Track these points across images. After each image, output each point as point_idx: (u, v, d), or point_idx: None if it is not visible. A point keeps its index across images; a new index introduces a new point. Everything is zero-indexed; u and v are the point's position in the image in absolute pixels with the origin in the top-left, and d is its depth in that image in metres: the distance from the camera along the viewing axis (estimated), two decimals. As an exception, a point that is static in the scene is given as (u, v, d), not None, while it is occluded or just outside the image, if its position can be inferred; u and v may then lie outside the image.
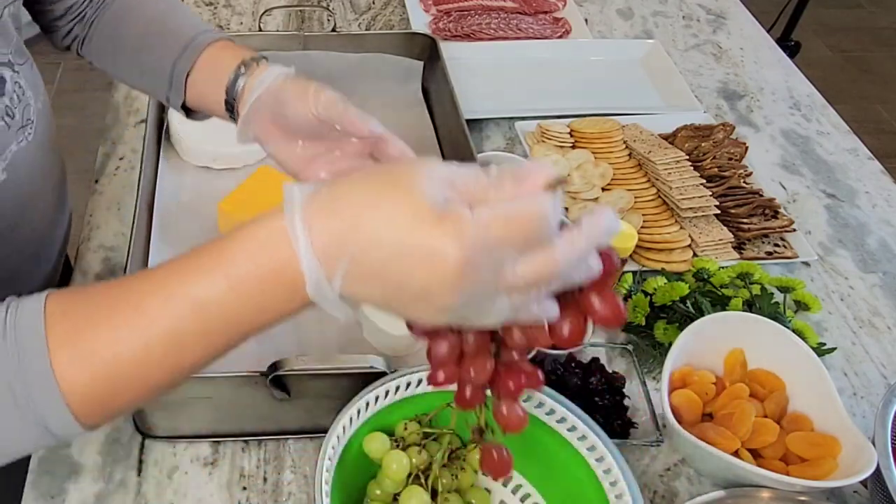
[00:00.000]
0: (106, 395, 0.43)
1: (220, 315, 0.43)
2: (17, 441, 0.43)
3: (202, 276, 0.42)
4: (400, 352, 0.82)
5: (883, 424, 0.72)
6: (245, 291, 0.43)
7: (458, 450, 0.71)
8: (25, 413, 0.41)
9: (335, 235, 0.41)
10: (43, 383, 0.41)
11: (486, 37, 1.35)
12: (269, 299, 0.45)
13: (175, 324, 0.42)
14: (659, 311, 0.89)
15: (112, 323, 0.42)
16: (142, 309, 0.42)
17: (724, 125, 1.14)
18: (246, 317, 0.45)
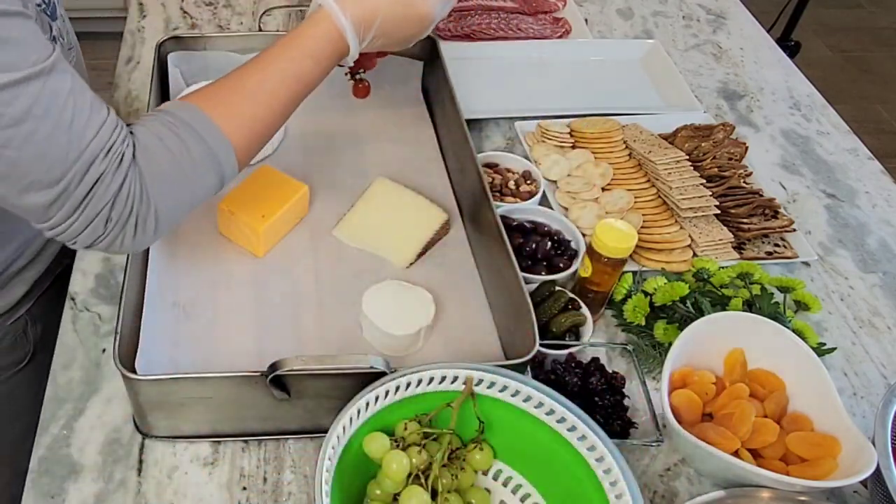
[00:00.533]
0: (252, 139, 0.70)
1: (309, 78, 0.73)
2: (205, 187, 0.68)
3: (298, 62, 0.72)
4: (400, 352, 0.82)
5: (883, 424, 0.72)
6: (320, 61, 0.74)
7: (458, 450, 0.71)
8: (213, 165, 0.67)
9: (363, 18, 0.74)
10: (221, 144, 0.66)
11: (486, 37, 1.35)
12: (330, 62, 0.75)
13: (286, 91, 0.72)
14: (659, 311, 0.89)
15: (248, 97, 0.70)
16: (264, 85, 0.71)
17: (724, 125, 1.14)
18: (319, 74, 0.74)
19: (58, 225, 0.61)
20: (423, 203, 0.97)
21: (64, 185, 0.59)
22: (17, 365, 0.95)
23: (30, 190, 0.58)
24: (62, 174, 0.58)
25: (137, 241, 0.65)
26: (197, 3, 1.39)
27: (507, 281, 0.82)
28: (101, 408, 0.80)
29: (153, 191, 0.64)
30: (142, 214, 0.64)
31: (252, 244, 0.90)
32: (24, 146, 0.56)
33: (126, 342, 0.74)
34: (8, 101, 0.54)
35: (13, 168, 0.56)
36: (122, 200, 0.62)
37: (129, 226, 0.64)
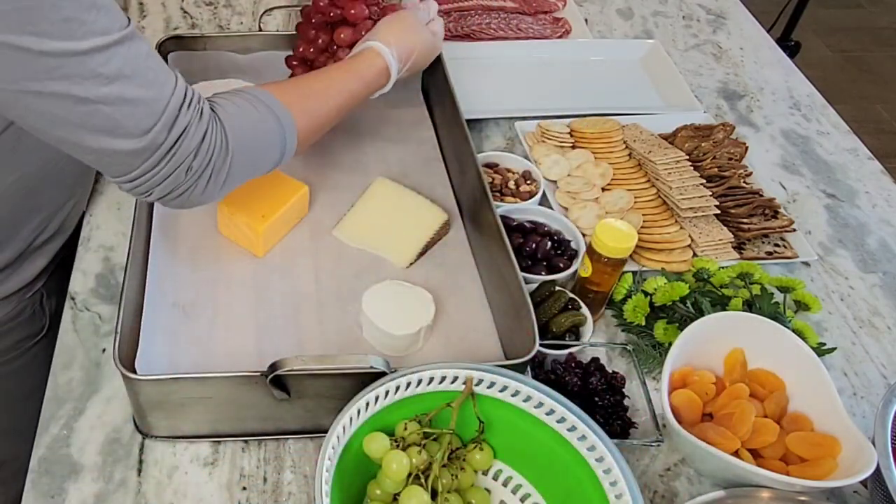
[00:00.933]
0: (311, 130, 0.80)
1: (358, 97, 0.87)
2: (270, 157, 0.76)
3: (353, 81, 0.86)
4: (400, 352, 0.82)
5: (883, 424, 0.72)
6: (368, 85, 0.88)
7: (458, 450, 0.71)
8: (279, 139, 0.76)
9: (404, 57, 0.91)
10: (289, 123, 0.76)
11: (486, 37, 1.35)
12: (374, 88, 0.90)
13: (342, 101, 0.85)
14: (659, 311, 0.89)
15: (313, 96, 0.81)
16: (328, 91, 0.83)
17: (724, 125, 1.14)
18: (364, 96, 0.89)
19: (141, 175, 0.66)
20: (423, 203, 0.97)
21: (153, 136, 0.64)
22: (35, 338, 0.97)
23: (122, 140, 0.63)
24: (152, 125, 0.64)
25: (206, 194, 0.71)
26: (197, 3, 1.39)
27: (507, 281, 0.82)
28: (101, 408, 0.80)
29: (233, 143, 0.70)
30: (218, 166, 0.70)
31: (252, 244, 0.90)
32: (118, 102, 0.61)
33: (126, 342, 0.74)
34: (105, 62, 0.59)
35: (109, 122, 0.62)
36: (205, 150, 0.68)
37: (205, 176, 0.69)
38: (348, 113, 0.86)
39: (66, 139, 0.63)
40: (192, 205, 0.72)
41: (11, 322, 0.93)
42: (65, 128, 0.62)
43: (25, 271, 0.92)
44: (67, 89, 0.59)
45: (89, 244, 0.96)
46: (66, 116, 0.61)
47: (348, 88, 0.85)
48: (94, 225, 0.98)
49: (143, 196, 0.70)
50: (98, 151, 0.64)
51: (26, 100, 0.59)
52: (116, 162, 0.66)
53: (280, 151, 0.77)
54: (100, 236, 0.97)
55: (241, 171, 0.73)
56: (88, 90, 0.59)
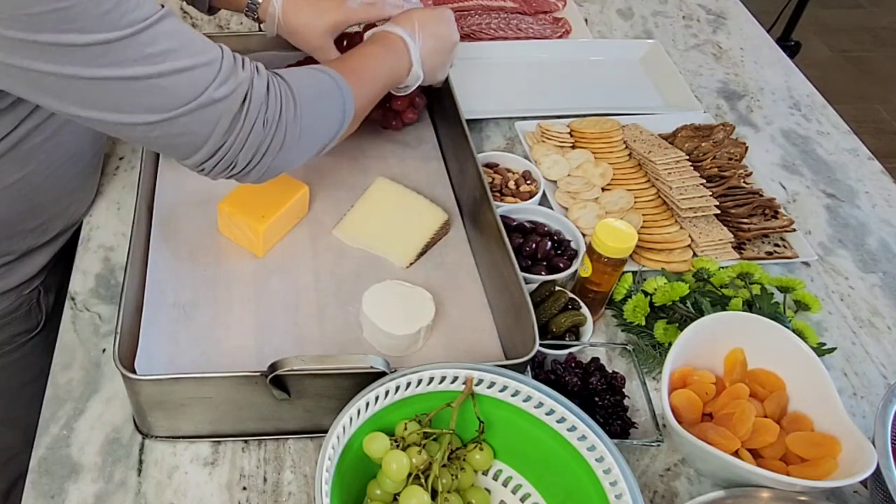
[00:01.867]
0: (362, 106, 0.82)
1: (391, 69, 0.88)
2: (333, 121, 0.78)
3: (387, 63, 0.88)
4: (400, 352, 0.82)
5: (883, 424, 0.72)
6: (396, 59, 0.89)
7: (458, 450, 0.71)
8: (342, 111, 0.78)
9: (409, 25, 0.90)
10: (347, 95, 0.78)
11: (486, 37, 1.35)
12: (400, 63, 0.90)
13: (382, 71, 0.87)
14: (659, 311, 0.89)
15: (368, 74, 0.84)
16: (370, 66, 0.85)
17: (724, 125, 1.14)
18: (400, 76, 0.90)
19: (221, 145, 0.68)
20: (423, 203, 0.97)
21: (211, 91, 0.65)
22: (30, 333, 0.97)
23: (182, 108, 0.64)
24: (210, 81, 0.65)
25: (286, 150, 0.72)
26: (197, 3, 1.39)
27: (507, 281, 0.82)
28: (101, 408, 0.80)
29: (297, 91, 0.72)
30: (290, 114, 0.71)
31: (252, 244, 0.90)
32: (172, 74, 0.63)
33: (126, 342, 0.74)
34: (150, 42, 0.61)
35: (166, 94, 0.63)
36: (274, 98, 0.70)
37: (282, 126, 0.70)
38: (391, 83, 0.89)
39: (124, 122, 0.64)
40: (274, 170, 0.73)
41: (7, 317, 0.93)
42: (121, 111, 0.63)
43: (24, 268, 0.92)
44: (120, 72, 0.60)
45: (89, 244, 0.96)
46: (121, 99, 0.62)
47: (386, 60, 0.87)
48: (94, 225, 0.98)
49: (227, 171, 0.70)
50: (161, 125, 0.65)
51: (79, 87, 0.60)
52: (187, 136, 0.66)
53: (341, 105, 0.78)
54: (100, 236, 0.97)
55: (312, 123, 0.74)
56: (140, 70, 0.61)
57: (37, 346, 0.98)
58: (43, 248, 0.93)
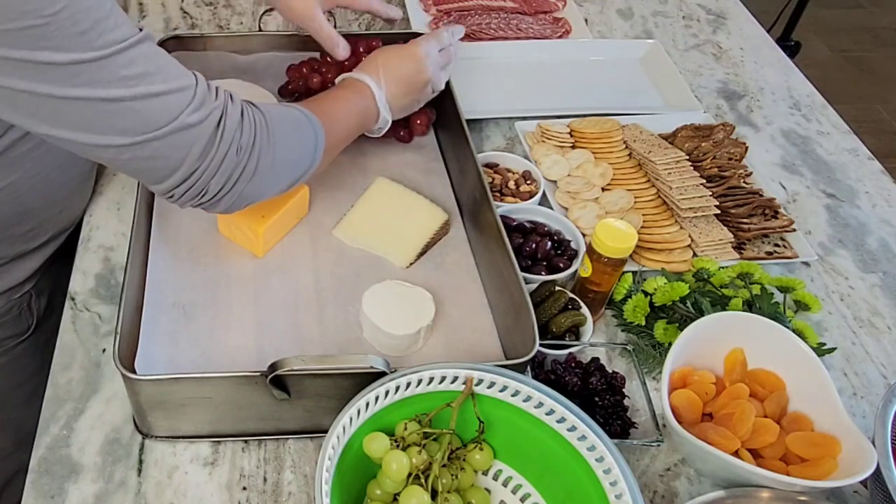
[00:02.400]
0: (334, 137, 0.82)
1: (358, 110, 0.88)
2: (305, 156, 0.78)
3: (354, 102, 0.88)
4: (400, 352, 0.82)
5: (883, 424, 0.72)
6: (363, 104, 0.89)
7: (458, 450, 0.71)
8: (314, 145, 0.78)
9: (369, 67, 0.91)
10: (319, 130, 0.78)
11: (486, 37, 1.35)
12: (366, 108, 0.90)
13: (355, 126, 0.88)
14: (659, 311, 0.89)
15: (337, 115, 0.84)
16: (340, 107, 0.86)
17: (724, 125, 1.14)
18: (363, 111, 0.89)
19: (194, 170, 0.67)
20: (423, 203, 0.97)
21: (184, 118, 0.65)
22: (21, 336, 0.97)
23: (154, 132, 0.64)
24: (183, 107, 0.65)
25: (258, 177, 0.71)
26: (197, 3, 1.39)
27: (507, 281, 0.82)
28: (101, 408, 0.80)
29: (270, 119, 0.72)
30: (263, 141, 0.71)
31: (252, 244, 0.90)
32: (146, 97, 0.63)
33: (126, 342, 0.74)
34: (126, 64, 0.61)
35: (139, 118, 0.63)
36: (248, 124, 0.70)
37: (255, 153, 0.70)
38: (356, 128, 0.89)
39: (96, 143, 0.63)
40: (246, 199, 0.73)
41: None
42: (94, 131, 0.62)
43: (14, 273, 0.92)
44: (94, 93, 0.60)
45: (89, 244, 0.96)
46: (94, 119, 0.61)
47: (352, 100, 0.87)
48: (94, 225, 0.98)
49: (197, 199, 0.70)
50: (132, 149, 0.64)
51: (52, 105, 0.60)
52: (159, 161, 0.66)
53: (313, 139, 0.78)
54: (100, 236, 0.97)
55: (285, 152, 0.74)
56: (114, 92, 0.61)
57: (27, 350, 0.98)
58: (33, 253, 0.93)
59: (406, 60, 0.92)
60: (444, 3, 1.41)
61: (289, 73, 1.08)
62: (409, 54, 0.93)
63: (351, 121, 0.87)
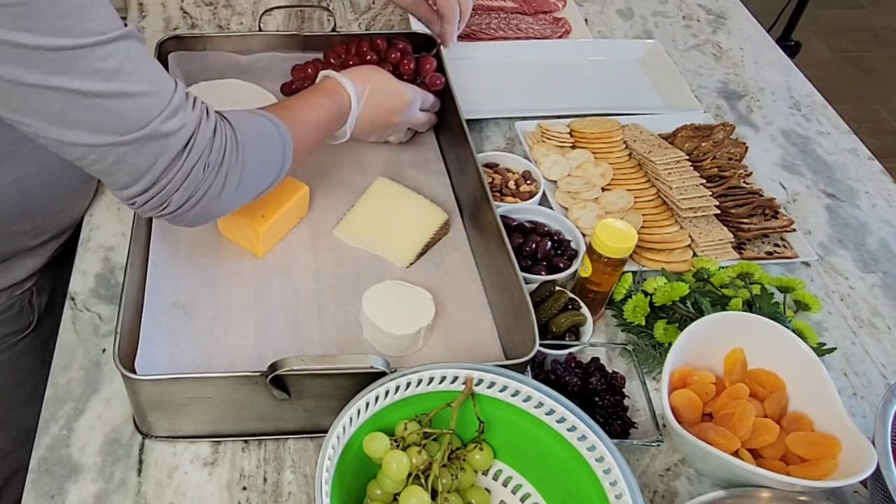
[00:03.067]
0: (301, 141, 0.80)
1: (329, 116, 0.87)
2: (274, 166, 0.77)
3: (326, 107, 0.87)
4: (400, 352, 0.82)
5: (883, 424, 0.72)
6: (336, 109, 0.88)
7: (458, 450, 0.71)
8: (282, 160, 0.77)
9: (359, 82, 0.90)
10: (288, 144, 0.77)
11: (486, 37, 1.35)
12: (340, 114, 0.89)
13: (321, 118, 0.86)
14: (659, 311, 0.89)
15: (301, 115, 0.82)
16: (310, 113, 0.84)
17: (724, 125, 1.14)
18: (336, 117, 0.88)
19: (156, 182, 0.65)
20: (423, 203, 0.97)
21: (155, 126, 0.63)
22: (22, 333, 0.97)
23: (124, 136, 0.62)
24: (155, 115, 0.63)
25: (223, 197, 0.70)
26: (197, 3, 1.39)
27: (507, 281, 0.82)
28: (101, 408, 0.80)
29: (242, 138, 0.71)
30: (232, 161, 0.70)
31: (252, 244, 0.90)
32: (120, 96, 0.61)
33: (126, 342, 0.74)
34: (105, 57, 0.59)
35: (110, 117, 0.61)
36: (218, 143, 0.68)
37: (222, 173, 0.69)
38: (327, 133, 0.88)
39: (64, 139, 0.62)
40: (206, 215, 0.71)
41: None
42: (62, 125, 0.61)
43: (15, 270, 0.92)
44: (67, 83, 0.58)
45: (89, 244, 0.96)
46: (63, 112, 0.60)
47: (324, 105, 0.86)
48: (94, 225, 0.98)
49: (158, 210, 0.68)
50: (99, 150, 0.63)
51: (23, 93, 0.58)
52: (125, 166, 0.64)
53: (282, 152, 0.77)
54: (100, 236, 0.97)
55: (253, 170, 0.73)
56: (88, 85, 0.59)
57: (28, 347, 0.98)
58: (35, 251, 0.93)
59: (393, 96, 0.94)
60: (444, 3, 1.41)
61: (293, 72, 1.08)
62: (398, 92, 0.95)
63: (320, 131, 0.86)
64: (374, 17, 1.39)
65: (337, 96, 0.88)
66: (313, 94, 0.87)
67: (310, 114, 0.84)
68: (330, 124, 0.88)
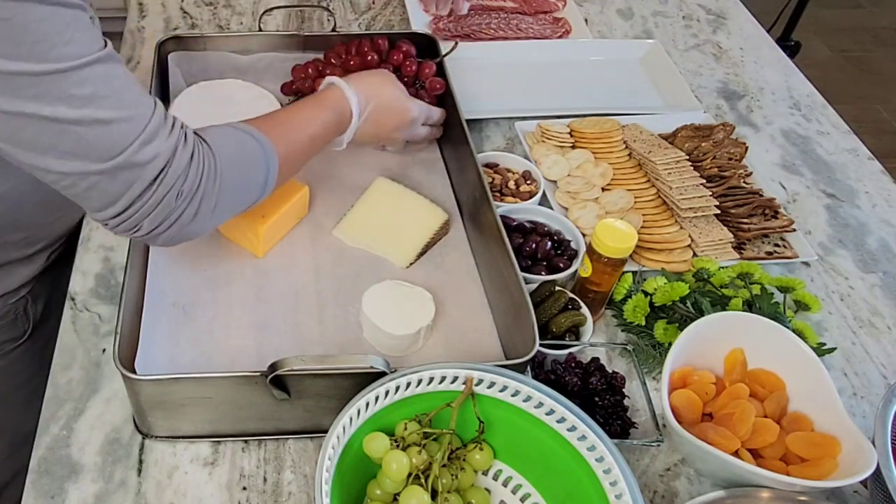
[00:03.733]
0: (290, 157, 0.79)
1: (331, 127, 0.85)
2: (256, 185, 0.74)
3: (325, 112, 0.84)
4: (400, 352, 0.82)
5: (883, 424, 0.72)
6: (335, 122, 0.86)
7: (458, 450, 0.71)
8: (265, 181, 0.75)
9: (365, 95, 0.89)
10: (273, 164, 0.75)
11: (486, 37, 1.35)
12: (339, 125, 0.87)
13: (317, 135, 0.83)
14: (659, 311, 0.89)
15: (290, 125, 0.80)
16: (303, 128, 0.81)
17: (724, 125, 1.14)
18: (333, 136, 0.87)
19: (129, 206, 0.64)
20: (423, 203, 0.97)
21: (128, 155, 0.61)
22: (17, 341, 0.97)
23: (96, 164, 0.61)
24: (128, 144, 0.61)
25: (197, 222, 0.68)
26: (197, 3, 1.39)
27: (507, 281, 0.82)
28: (101, 408, 0.80)
29: (221, 164, 0.69)
30: (209, 189, 0.68)
31: (252, 244, 0.90)
32: (92, 123, 0.59)
33: (126, 342, 0.74)
34: (79, 83, 0.58)
35: (81, 144, 0.60)
36: (195, 172, 0.66)
37: (195, 200, 0.67)
38: (322, 145, 0.85)
39: (36, 164, 0.61)
40: (181, 238, 0.70)
41: None
42: (34, 150, 0.60)
43: (9, 279, 0.92)
44: (38, 109, 0.57)
45: (89, 244, 0.96)
46: (35, 138, 0.59)
47: (321, 119, 0.84)
48: (94, 225, 0.98)
49: (130, 232, 0.67)
50: (72, 177, 0.61)
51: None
52: (97, 192, 0.63)
53: (265, 173, 0.75)
54: (100, 236, 0.96)
55: (231, 195, 0.71)
56: (61, 111, 0.58)
57: (24, 354, 0.98)
58: (28, 260, 0.93)
59: (398, 114, 0.93)
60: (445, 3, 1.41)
61: (293, 72, 1.08)
62: (403, 109, 0.94)
63: (314, 145, 0.83)
64: (374, 17, 1.39)
65: (339, 107, 0.86)
66: (313, 105, 0.85)
67: (304, 129, 0.81)
68: (326, 137, 0.86)
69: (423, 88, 1.04)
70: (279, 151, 0.76)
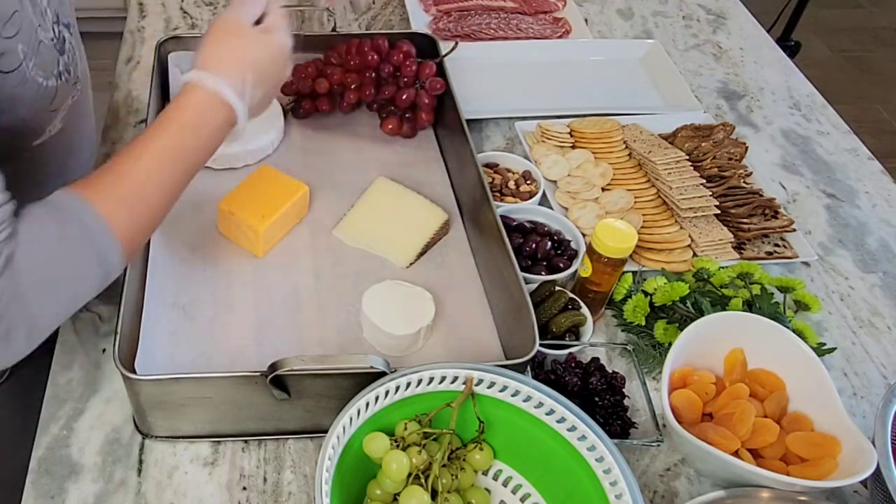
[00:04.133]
0: (134, 221, 0.64)
1: (192, 151, 0.69)
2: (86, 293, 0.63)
3: (175, 136, 0.67)
4: (400, 352, 0.82)
5: (883, 424, 0.72)
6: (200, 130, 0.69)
7: (458, 450, 0.71)
8: (94, 260, 0.61)
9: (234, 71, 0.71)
10: (102, 232, 0.61)
11: (486, 37, 1.35)
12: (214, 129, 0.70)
13: (169, 168, 0.67)
14: (659, 311, 0.89)
15: (125, 179, 0.64)
16: (139, 164, 0.65)
17: (724, 125, 1.14)
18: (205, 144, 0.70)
19: None
20: (423, 203, 0.97)
21: None
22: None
23: None
24: None
25: (11, 351, 0.58)
26: (197, 3, 1.39)
27: (507, 281, 0.82)
28: (101, 408, 0.80)
29: (28, 290, 0.57)
30: (16, 322, 0.57)
31: (252, 244, 0.90)
32: None
33: (126, 342, 0.74)
34: None
35: None
36: None
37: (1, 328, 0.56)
38: (191, 173, 0.70)
39: None
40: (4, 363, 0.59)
41: None
42: None
43: None
44: None
45: (89, 244, 0.95)
46: None
47: (172, 149, 0.67)
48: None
49: None
50: None
51: None
52: None
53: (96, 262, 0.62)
54: (100, 236, 0.96)
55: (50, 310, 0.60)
56: None
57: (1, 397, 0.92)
58: None
59: (277, 65, 0.76)
60: (444, 3, 1.41)
61: (294, 73, 1.08)
62: (277, 53, 0.76)
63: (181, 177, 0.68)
64: (373, 17, 1.39)
65: (211, 112, 0.69)
66: (168, 130, 0.67)
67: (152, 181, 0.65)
68: (203, 151, 0.70)
69: (423, 88, 1.04)
70: (121, 232, 0.62)
